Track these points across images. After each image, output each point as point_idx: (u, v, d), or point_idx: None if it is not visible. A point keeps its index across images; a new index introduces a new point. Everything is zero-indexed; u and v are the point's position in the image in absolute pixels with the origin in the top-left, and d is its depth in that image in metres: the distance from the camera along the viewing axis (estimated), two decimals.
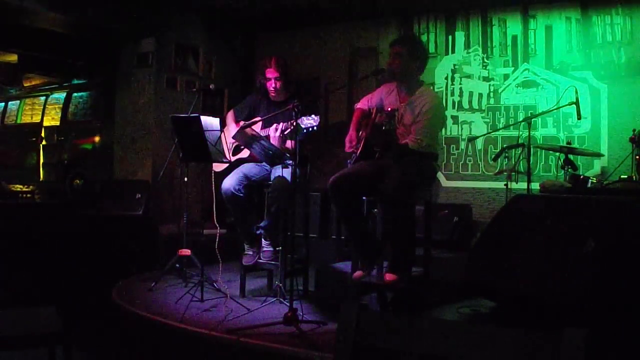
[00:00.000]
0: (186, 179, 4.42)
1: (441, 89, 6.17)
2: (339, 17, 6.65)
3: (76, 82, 8.08)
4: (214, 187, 4.09)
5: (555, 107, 4.99)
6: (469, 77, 6.10)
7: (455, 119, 6.11)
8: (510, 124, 5.72)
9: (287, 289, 3.44)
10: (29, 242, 4.67)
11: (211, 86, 5.09)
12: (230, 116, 4.41)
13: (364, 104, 3.93)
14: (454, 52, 6.18)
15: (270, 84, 4.15)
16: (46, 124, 8.07)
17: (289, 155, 3.74)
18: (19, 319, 2.32)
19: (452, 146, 6.13)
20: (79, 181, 7.33)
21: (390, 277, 3.42)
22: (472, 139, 5.81)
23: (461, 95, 6.12)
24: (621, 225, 2.95)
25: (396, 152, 3.52)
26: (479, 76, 6.05)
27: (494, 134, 5.81)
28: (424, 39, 6.17)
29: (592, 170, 5.33)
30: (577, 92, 4.57)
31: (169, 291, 4.18)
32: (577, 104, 4.51)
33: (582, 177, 4.08)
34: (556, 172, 5.38)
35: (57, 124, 7.90)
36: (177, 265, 4.42)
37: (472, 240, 5.15)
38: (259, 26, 7.11)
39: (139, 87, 6.35)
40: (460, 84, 6.14)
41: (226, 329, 3.19)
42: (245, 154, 4.17)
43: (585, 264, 2.86)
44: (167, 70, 6.34)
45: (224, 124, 4.18)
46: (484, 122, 5.99)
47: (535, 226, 3.25)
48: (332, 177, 3.58)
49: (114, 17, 5.94)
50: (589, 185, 4.01)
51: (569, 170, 4.43)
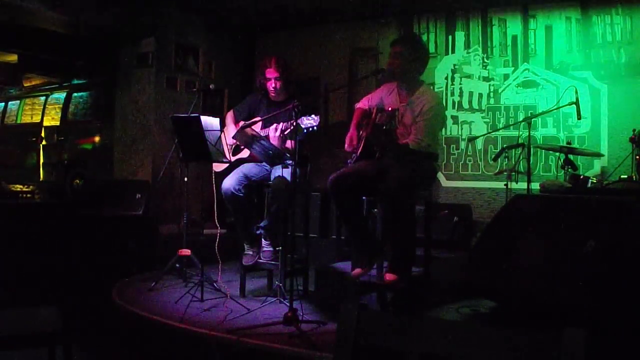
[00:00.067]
0: (186, 179, 4.42)
1: (441, 89, 6.17)
2: (339, 17, 6.65)
3: (76, 82, 8.09)
4: (215, 187, 4.09)
5: (555, 107, 4.98)
6: (469, 77, 6.10)
7: (455, 119, 6.11)
8: (510, 124, 5.73)
9: (287, 289, 3.44)
10: (29, 242, 4.67)
11: (211, 86, 5.10)
12: (230, 116, 4.40)
13: (364, 103, 3.93)
14: (454, 52, 6.18)
15: (270, 84, 4.14)
16: (46, 124, 8.07)
17: (289, 155, 3.73)
18: (19, 319, 2.32)
19: (452, 146, 6.13)
20: (79, 181, 7.34)
21: (390, 277, 3.42)
22: (472, 139, 5.81)
23: (461, 95, 6.12)
24: (621, 225, 2.95)
25: (396, 152, 3.52)
26: (479, 76, 6.05)
27: (494, 134, 5.81)
28: (424, 39, 6.17)
29: (592, 170, 5.34)
30: (577, 92, 4.57)
31: (169, 291, 4.18)
32: (577, 104, 4.51)
33: (582, 177, 4.08)
34: (556, 172, 5.38)
35: (57, 124, 7.90)
36: (177, 265, 4.42)
37: (472, 240, 5.16)
38: (259, 26, 7.11)
39: (139, 87, 6.35)
40: (460, 84, 6.14)
41: (226, 329, 3.19)
42: (245, 154, 4.17)
43: (585, 264, 2.86)
44: (167, 70, 6.34)
45: (224, 124, 4.18)
46: (484, 122, 6.00)
47: (535, 226, 3.25)
48: (332, 175, 3.58)
49: (114, 17, 5.95)
50: (589, 185, 4.02)
51: (569, 170, 4.43)
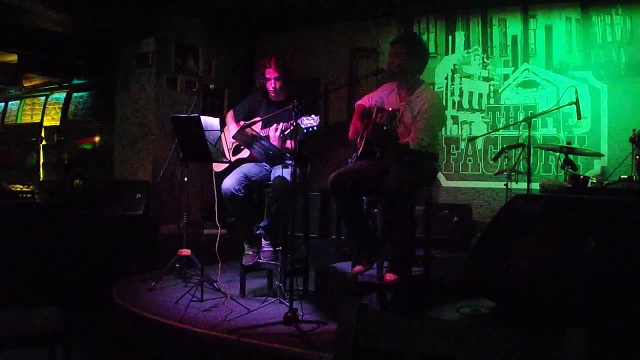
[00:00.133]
0: (186, 179, 4.42)
1: (441, 89, 6.16)
2: (339, 17, 6.65)
3: (76, 82, 8.09)
4: (215, 187, 4.09)
5: (555, 107, 4.98)
6: (469, 77, 6.10)
7: (455, 119, 6.11)
8: (510, 124, 5.72)
9: (287, 289, 3.44)
10: (29, 242, 4.67)
11: (211, 86, 5.10)
12: (230, 116, 4.40)
13: (364, 101, 3.93)
14: (454, 52, 6.18)
15: (270, 84, 4.14)
16: (46, 124, 8.08)
17: (289, 155, 3.73)
18: (19, 319, 2.32)
19: (452, 146, 6.13)
20: (79, 181, 7.34)
21: (390, 277, 3.42)
22: (472, 139, 5.81)
23: (461, 95, 6.12)
24: (621, 225, 2.95)
25: (397, 151, 3.52)
26: (479, 76, 6.04)
27: (494, 134, 5.80)
28: (424, 39, 6.17)
29: (592, 170, 5.34)
30: (577, 92, 4.57)
31: (169, 291, 4.18)
32: (577, 104, 4.51)
33: (582, 177, 4.08)
34: (556, 172, 5.38)
35: (57, 124, 7.91)
36: (177, 265, 4.42)
37: (472, 240, 5.15)
38: (259, 26, 7.11)
39: (139, 87, 6.35)
40: (460, 84, 6.14)
41: (226, 329, 3.19)
42: (245, 154, 4.17)
43: (585, 264, 2.86)
44: (167, 70, 6.34)
45: (224, 124, 4.18)
46: (484, 122, 5.99)
47: (535, 226, 3.25)
48: (332, 174, 3.59)
49: (114, 17, 5.95)
50: (589, 185, 4.01)
51: (569, 170, 4.43)
